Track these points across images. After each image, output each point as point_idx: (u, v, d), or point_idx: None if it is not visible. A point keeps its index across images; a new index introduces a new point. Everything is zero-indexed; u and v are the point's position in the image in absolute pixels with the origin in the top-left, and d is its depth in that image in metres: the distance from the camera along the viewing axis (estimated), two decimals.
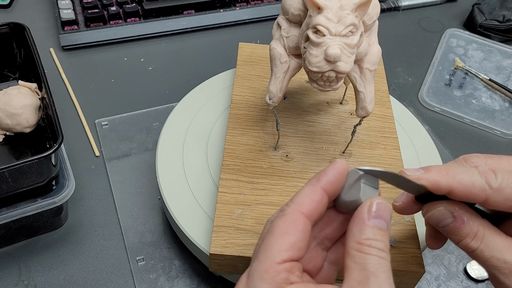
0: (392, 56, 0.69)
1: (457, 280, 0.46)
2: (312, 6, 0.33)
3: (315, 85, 0.35)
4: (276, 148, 0.43)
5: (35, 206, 0.42)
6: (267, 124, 0.45)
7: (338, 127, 0.46)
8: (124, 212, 0.48)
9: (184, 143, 0.47)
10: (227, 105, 0.50)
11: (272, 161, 0.43)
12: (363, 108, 0.39)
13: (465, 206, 0.31)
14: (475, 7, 0.74)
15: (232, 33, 0.70)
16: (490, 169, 0.30)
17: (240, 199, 0.40)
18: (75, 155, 0.52)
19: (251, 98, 0.48)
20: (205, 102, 0.51)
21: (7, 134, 0.49)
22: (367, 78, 0.38)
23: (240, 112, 0.46)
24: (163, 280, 0.44)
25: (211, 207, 0.42)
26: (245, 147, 0.43)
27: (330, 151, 0.44)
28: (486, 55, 0.70)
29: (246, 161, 0.42)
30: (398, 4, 0.77)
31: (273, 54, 0.37)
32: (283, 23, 0.37)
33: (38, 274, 0.44)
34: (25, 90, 0.48)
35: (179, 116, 0.49)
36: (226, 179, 0.41)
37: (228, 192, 0.40)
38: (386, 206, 0.27)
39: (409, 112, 0.53)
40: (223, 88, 0.52)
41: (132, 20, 0.68)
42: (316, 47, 0.32)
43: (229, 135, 0.44)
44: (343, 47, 0.32)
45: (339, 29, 0.32)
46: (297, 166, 0.42)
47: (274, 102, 0.38)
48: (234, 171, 0.41)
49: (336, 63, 0.32)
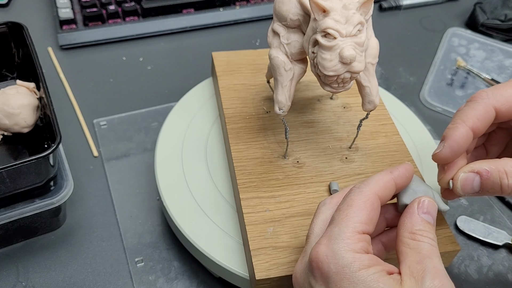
0: (393, 55, 0.69)
1: (457, 281, 0.46)
2: (317, 9, 0.32)
3: (328, 89, 0.34)
4: (285, 156, 0.43)
5: (33, 207, 0.41)
6: (267, 133, 0.45)
7: (336, 123, 0.46)
8: (123, 213, 0.48)
9: (183, 143, 0.46)
10: None
11: (286, 170, 0.42)
12: (370, 102, 0.39)
13: (481, 162, 0.33)
14: (477, 6, 0.74)
15: (232, 32, 0.70)
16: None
17: (267, 216, 0.38)
18: (73, 155, 0.52)
19: (243, 109, 0.46)
20: (204, 102, 0.50)
21: (5, 134, 0.48)
22: (370, 72, 0.38)
23: (237, 126, 0.45)
24: (162, 282, 0.43)
25: (210, 208, 0.42)
26: (255, 161, 0.42)
27: (337, 148, 0.44)
28: (488, 54, 0.70)
29: (260, 176, 0.41)
30: (399, 3, 0.77)
31: (276, 63, 0.37)
32: (280, 30, 0.37)
33: (36, 275, 0.43)
34: (23, 90, 0.48)
35: (178, 116, 0.49)
36: (247, 199, 0.39)
37: (254, 212, 0.38)
38: (433, 205, 0.31)
39: (410, 112, 0.53)
40: None
41: (131, 19, 0.67)
42: (328, 51, 0.32)
43: (234, 152, 0.42)
44: (355, 47, 0.32)
45: (348, 29, 0.32)
46: (312, 171, 0.42)
47: (285, 111, 0.38)
48: (252, 188, 0.40)
49: (351, 64, 0.32)
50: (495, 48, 0.71)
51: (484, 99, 0.34)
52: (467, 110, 0.34)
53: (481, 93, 0.35)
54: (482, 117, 0.34)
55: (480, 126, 0.34)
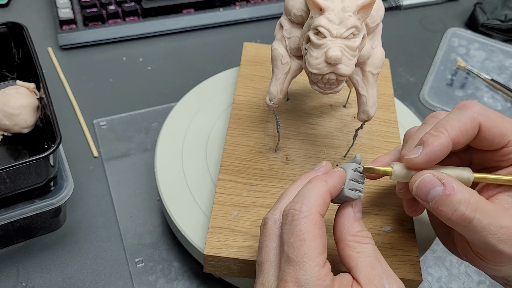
0: (393, 55, 0.69)
1: (458, 282, 0.46)
2: (314, 7, 0.32)
3: (315, 88, 0.34)
4: (276, 150, 0.43)
5: (33, 207, 0.41)
6: (268, 125, 0.45)
7: (340, 131, 0.46)
8: (123, 213, 0.48)
9: (183, 144, 0.46)
10: (227, 105, 0.50)
11: (272, 163, 0.42)
12: (364, 112, 0.38)
13: (451, 176, 0.30)
14: (477, 6, 0.74)
15: (232, 33, 0.70)
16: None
17: (237, 200, 0.39)
18: (74, 155, 0.52)
19: (253, 99, 0.47)
20: (205, 102, 0.50)
21: (5, 135, 0.48)
22: (369, 82, 0.37)
23: (241, 113, 0.46)
24: (162, 282, 0.43)
25: (210, 208, 0.42)
26: (245, 148, 0.43)
27: (331, 154, 0.44)
28: (488, 54, 0.70)
29: (245, 163, 0.42)
30: (399, 3, 0.77)
31: (274, 54, 0.37)
32: (285, 23, 0.37)
33: (36, 276, 0.43)
34: (23, 90, 0.48)
35: (178, 116, 0.49)
36: (224, 180, 0.40)
37: (226, 193, 0.39)
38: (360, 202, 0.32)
39: (410, 112, 0.53)
40: (223, 88, 0.52)
41: (131, 19, 0.67)
42: (316, 49, 0.32)
43: (229, 136, 0.43)
44: (344, 50, 0.32)
45: (340, 31, 0.32)
46: (297, 169, 0.42)
47: (274, 103, 0.38)
48: (233, 172, 0.41)
49: (336, 65, 0.32)
50: (495, 48, 0.71)
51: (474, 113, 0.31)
52: (453, 120, 0.31)
53: (473, 105, 0.32)
54: (466, 132, 0.31)
55: (462, 141, 0.31)
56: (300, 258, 0.28)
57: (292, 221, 0.29)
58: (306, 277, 0.27)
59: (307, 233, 0.28)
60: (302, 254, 0.28)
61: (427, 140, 0.31)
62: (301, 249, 0.28)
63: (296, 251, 0.28)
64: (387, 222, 0.39)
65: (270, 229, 0.31)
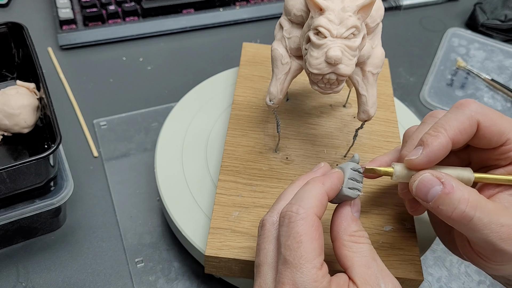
0: (393, 55, 0.69)
1: (458, 282, 0.46)
2: (314, 7, 0.32)
3: (316, 88, 0.34)
4: (276, 151, 0.43)
5: (33, 207, 0.41)
6: (268, 126, 0.45)
7: (340, 131, 0.46)
8: (123, 213, 0.48)
9: (183, 144, 0.46)
10: (227, 105, 0.50)
11: (272, 163, 0.42)
12: (364, 112, 0.38)
13: (450, 175, 0.30)
14: (477, 6, 0.74)
15: (232, 33, 0.70)
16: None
17: (237, 201, 0.39)
18: (73, 155, 0.52)
19: (253, 99, 0.47)
20: (205, 102, 0.50)
21: (5, 135, 0.48)
22: (369, 82, 0.37)
23: (241, 113, 0.46)
24: (162, 282, 0.43)
25: (210, 208, 0.42)
26: (245, 148, 0.43)
27: (331, 154, 0.44)
28: (488, 54, 0.70)
29: (246, 163, 0.42)
30: (399, 3, 0.77)
31: (274, 55, 0.37)
32: (285, 24, 0.37)
33: (36, 276, 0.43)
34: (23, 90, 0.48)
35: (178, 116, 0.49)
36: (224, 181, 0.40)
37: (226, 194, 0.39)
38: (359, 202, 0.32)
39: (410, 112, 0.53)
40: (223, 88, 0.52)
41: (131, 19, 0.67)
42: (317, 49, 0.32)
43: (229, 136, 0.43)
44: (344, 50, 0.32)
45: (340, 31, 0.32)
46: (297, 169, 0.42)
47: (275, 103, 0.38)
48: (233, 173, 0.41)
49: (337, 65, 0.32)
50: (495, 48, 0.71)
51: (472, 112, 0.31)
52: (451, 119, 0.31)
53: (470, 103, 0.32)
54: (465, 131, 0.31)
55: (461, 140, 0.31)
56: (297, 260, 0.28)
57: (289, 223, 0.29)
58: (303, 279, 0.27)
59: (304, 235, 0.28)
60: (299, 256, 0.28)
61: (426, 140, 0.31)
62: (298, 251, 0.28)
63: (293, 253, 0.28)
64: (387, 222, 0.39)
65: (267, 231, 0.31)
